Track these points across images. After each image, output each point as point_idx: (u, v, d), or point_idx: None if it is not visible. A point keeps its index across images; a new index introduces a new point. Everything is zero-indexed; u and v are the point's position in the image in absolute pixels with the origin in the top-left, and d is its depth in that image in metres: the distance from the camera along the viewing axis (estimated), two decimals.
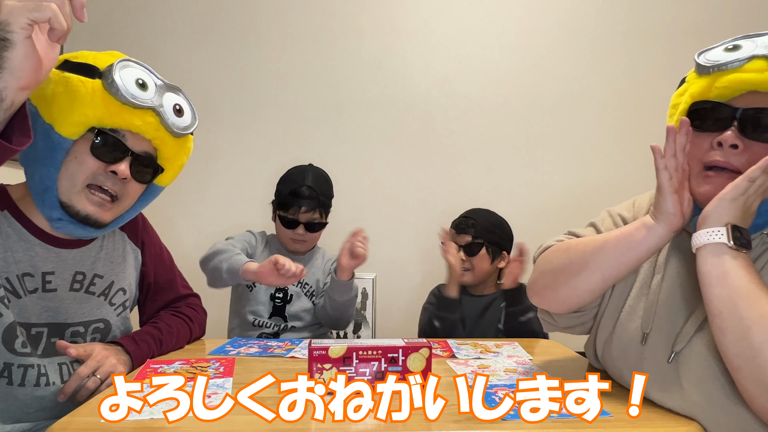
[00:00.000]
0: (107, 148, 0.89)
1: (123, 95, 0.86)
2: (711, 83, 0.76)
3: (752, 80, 0.72)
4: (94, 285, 0.99)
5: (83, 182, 0.89)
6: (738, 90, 0.74)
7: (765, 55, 0.71)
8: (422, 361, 0.82)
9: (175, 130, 0.94)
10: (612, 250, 0.78)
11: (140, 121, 0.89)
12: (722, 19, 2.12)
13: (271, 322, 1.46)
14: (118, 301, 1.03)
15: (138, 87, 0.88)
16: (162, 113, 0.91)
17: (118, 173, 0.90)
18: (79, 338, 0.96)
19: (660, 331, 0.78)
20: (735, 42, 0.76)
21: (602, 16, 2.13)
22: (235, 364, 0.97)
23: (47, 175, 0.87)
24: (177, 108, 0.96)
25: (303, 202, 1.44)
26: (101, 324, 1.00)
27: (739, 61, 0.73)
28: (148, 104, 0.89)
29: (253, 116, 2.11)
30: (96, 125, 0.87)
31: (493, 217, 1.58)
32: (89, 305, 0.98)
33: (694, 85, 0.79)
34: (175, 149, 0.98)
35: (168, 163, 0.99)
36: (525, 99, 2.12)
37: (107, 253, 1.03)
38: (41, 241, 0.93)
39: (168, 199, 2.07)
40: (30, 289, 0.90)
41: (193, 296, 1.23)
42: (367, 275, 1.95)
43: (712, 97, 0.76)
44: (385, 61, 2.12)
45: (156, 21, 2.11)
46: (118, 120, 0.88)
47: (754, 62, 0.72)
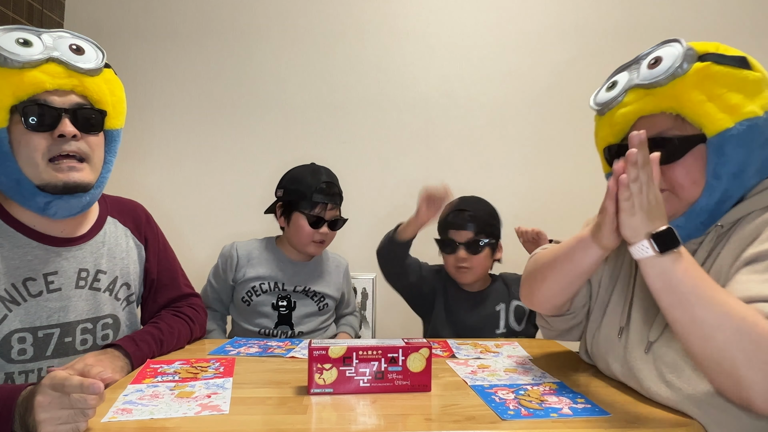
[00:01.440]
0: (39, 118, 0.86)
1: (12, 60, 0.82)
2: (608, 122, 0.85)
3: (635, 111, 0.80)
4: (98, 281, 0.98)
5: (43, 159, 0.87)
6: (629, 121, 0.81)
7: (637, 84, 0.79)
8: (422, 361, 0.82)
9: (85, 68, 0.89)
10: (560, 264, 0.86)
11: (47, 76, 0.86)
12: (722, 19, 2.12)
13: (278, 331, 1.43)
14: (123, 295, 1.04)
15: (21, 45, 0.84)
16: (62, 59, 0.87)
17: (65, 134, 0.87)
18: (89, 335, 0.96)
19: (637, 324, 0.81)
20: (613, 79, 0.86)
21: (602, 16, 2.13)
22: (235, 364, 0.97)
23: (9, 170, 0.86)
24: (74, 48, 0.90)
25: (329, 199, 1.42)
26: (110, 319, 1.00)
27: (619, 97, 0.82)
28: (41, 57, 0.85)
29: (253, 116, 2.11)
30: (14, 103, 0.85)
31: (487, 205, 1.48)
32: (96, 301, 0.98)
33: (600, 128, 0.89)
34: (102, 87, 0.94)
35: (104, 104, 0.95)
36: (525, 99, 2.12)
37: (110, 248, 1.02)
38: (38, 243, 0.92)
39: (168, 199, 2.08)
40: (34, 293, 0.90)
41: (194, 296, 1.23)
42: (367, 275, 1.95)
43: (616, 132, 0.85)
44: (385, 62, 2.12)
45: (156, 21, 2.11)
46: (27, 87, 0.84)
47: (630, 95, 0.81)
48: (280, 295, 1.43)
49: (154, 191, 2.04)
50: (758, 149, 0.74)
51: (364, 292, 1.93)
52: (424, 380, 0.82)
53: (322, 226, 1.42)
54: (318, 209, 1.41)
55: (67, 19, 2.06)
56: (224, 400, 0.76)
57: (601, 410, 0.73)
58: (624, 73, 0.84)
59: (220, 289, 1.45)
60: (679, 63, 0.75)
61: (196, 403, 0.75)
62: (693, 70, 0.74)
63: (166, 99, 2.06)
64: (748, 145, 0.73)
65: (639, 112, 0.80)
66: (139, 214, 1.13)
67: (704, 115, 0.74)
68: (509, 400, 0.77)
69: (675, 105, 0.76)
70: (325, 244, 1.47)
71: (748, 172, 0.75)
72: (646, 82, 0.78)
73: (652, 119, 0.79)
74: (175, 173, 2.06)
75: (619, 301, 0.88)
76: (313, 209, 1.41)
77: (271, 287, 1.43)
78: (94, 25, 2.06)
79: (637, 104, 0.79)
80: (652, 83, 0.77)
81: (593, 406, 0.75)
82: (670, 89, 0.75)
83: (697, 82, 0.74)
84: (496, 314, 1.44)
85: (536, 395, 0.80)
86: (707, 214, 0.76)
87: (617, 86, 0.83)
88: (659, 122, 0.78)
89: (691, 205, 0.77)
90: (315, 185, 1.41)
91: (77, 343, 0.95)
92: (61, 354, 0.92)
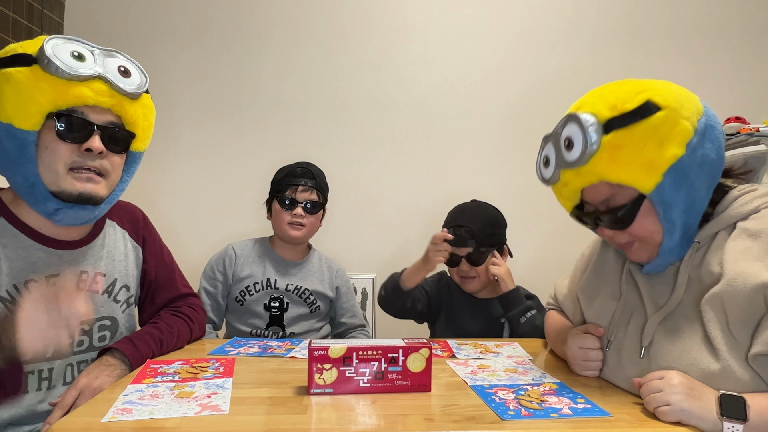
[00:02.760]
0: (72, 129, 0.88)
1: (64, 71, 0.84)
2: (559, 194, 0.92)
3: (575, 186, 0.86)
4: (97, 283, 1.00)
5: (64, 168, 0.89)
6: (576, 193, 0.89)
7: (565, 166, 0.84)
8: (422, 361, 0.82)
9: (128, 91, 0.92)
10: (553, 342, 1.10)
11: (91, 92, 0.88)
12: (722, 19, 2.12)
13: (269, 332, 1.44)
14: (122, 297, 1.05)
15: (75, 59, 0.86)
16: (109, 78, 0.89)
17: (93, 149, 0.89)
18: (85, 336, 0.97)
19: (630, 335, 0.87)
20: (544, 154, 0.92)
21: (602, 16, 2.13)
22: (235, 364, 0.97)
23: (28, 172, 0.87)
24: (122, 70, 0.93)
25: (300, 180, 1.46)
26: (108, 321, 1.01)
27: (556, 176, 0.87)
28: (91, 73, 0.87)
29: (253, 116, 2.11)
30: (52, 110, 0.86)
31: (485, 215, 1.45)
32: (94, 303, 0.99)
33: (557, 196, 0.94)
34: (137, 111, 0.97)
35: (135, 127, 0.98)
36: (525, 99, 2.11)
37: (109, 251, 1.03)
38: (42, 245, 0.93)
39: (166, 199, 2.08)
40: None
41: (193, 296, 1.23)
42: (367, 275, 1.95)
43: (572, 201, 0.91)
44: (385, 61, 2.12)
45: (156, 21, 2.11)
46: (69, 98, 0.86)
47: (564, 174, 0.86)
48: (273, 295, 1.44)
49: (152, 191, 2.04)
50: (697, 178, 0.78)
51: (364, 292, 1.92)
52: (424, 380, 0.82)
53: (296, 207, 1.45)
54: (289, 191, 1.45)
55: (67, 19, 2.06)
56: (224, 400, 0.76)
57: (601, 410, 0.73)
58: (551, 148, 0.89)
59: (217, 293, 1.45)
60: (589, 142, 0.77)
61: (196, 403, 0.75)
62: (604, 144, 0.77)
63: (166, 99, 2.05)
64: (685, 183, 0.77)
65: (580, 186, 0.87)
66: (137, 216, 1.14)
67: (633, 180, 0.78)
68: (509, 400, 0.77)
69: (603, 178, 0.81)
70: (305, 230, 1.47)
71: (697, 200, 0.80)
72: (570, 163, 0.82)
73: (593, 188, 0.85)
74: (174, 173, 2.06)
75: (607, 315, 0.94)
76: (285, 191, 1.45)
77: (264, 286, 1.44)
78: (93, 25, 2.06)
79: (574, 181, 0.85)
80: (575, 164, 0.81)
81: (593, 406, 0.75)
82: (592, 167, 0.79)
83: (612, 155, 0.77)
84: (500, 325, 1.43)
85: (536, 395, 0.80)
86: (678, 248, 0.82)
87: (550, 163, 0.89)
88: (601, 190, 0.83)
89: (660, 246, 0.83)
90: (288, 170, 1.49)
91: (74, 345, 0.95)
92: (59, 356, 0.93)
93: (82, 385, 0.85)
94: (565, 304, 1.12)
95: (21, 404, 0.89)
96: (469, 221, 1.42)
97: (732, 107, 1.85)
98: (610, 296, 0.93)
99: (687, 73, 2.07)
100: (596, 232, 0.92)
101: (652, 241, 0.83)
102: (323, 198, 1.51)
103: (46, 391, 0.92)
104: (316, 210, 1.48)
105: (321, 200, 1.49)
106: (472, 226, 1.40)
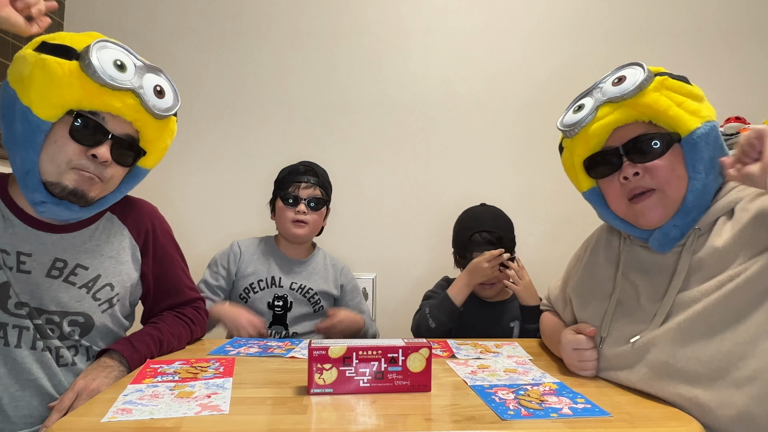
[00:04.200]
0: (87, 131, 0.88)
1: (100, 76, 0.84)
2: (583, 138, 0.90)
3: (610, 122, 0.86)
4: (75, 275, 0.94)
5: (66, 165, 0.88)
6: (606, 132, 0.87)
7: (605, 100, 0.86)
8: (422, 362, 0.82)
9: (156, 111, 0.92)
10: (549, 342, 1.10)
11: (120, 102, 0.88)
12: (722, 19, 2.12)
13: (272, 331, 1.44)
14: (104, 296, 0.98)
15: (116, 68, 0.86)
16: (142, 95, 0.89)
17: (99, 157, 0.89)
18: (54, 327, 0.92)
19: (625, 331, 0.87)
20: (579, 102, 0.93)
21: (602, 16, 2.13)
22: (235, 364, 0.97)
23: (28, 158, 0.86)
24: (158, 89, 0.93)
25: (303, 177, 1.47)
26: (80, 318, 0.95)
27: (590, 114, 0.88)
28: (126, 86, 0.87)
29: (253, 116, 2.11)
30: (74, 107, 0.86)
31: (505, 220, 1.46)
32: (68, 295, 0.93)
33: (574, 147, 0.93)
34: (158, 131, 0.96)
35: (150, 146, 0.97)
36: (525, 99, 2.11)
37: (97, 244, 0.99)
38: (22, 222, 0.92)
39: (168, 199, 2.08)
40: (8, 266, 0.89)
41: (199, 299, 1.21)
42: (367, 275, 1.95)
43: (593, 146, 0.89)
44: (385, 61, 2.12)
45: (156, 20, 2.11)
46: (96, 102, 0.86)
47: (601, 110, 0.87)
48: (277, 294, 1.44)
49: (152, 191, 2.04)
50: (717, 150, 0.83)
51: (364, 292, 1.93)
52: (424, 380, 0.82)
53: (299, 204, 1.44)
54: (292, 188, 1.45)
55: (67, 19, 2.06)
56: (224, 400, 0.76)
57: (601, 410, 0.73)
58: (587, 98, 0.92)
59: (218, 285, 1.45)
60: (643, 77, 0.83)
61: (196, 403, 0.75)
62: (656, 81, 0.83)
63: None
64: (713, 143, 0.82)
65: (614, 123, 0.86)
66: (143, 213, 1.09)
67: (675, 118, 0.82)
68: (509, 400, 0.77)
69: (647, 112, 0.84)
70: (308, 227, 1.47)
71: (716, 169, 0.83)
72: (616, 96, 0.85)
73: (626, 128, 0.86)
74: (174, 173, 2.06)
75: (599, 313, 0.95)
76: (288, 188, 1.46)
77: (268, 284, 1.44)
78: (93, 25, 2.05)
79: (612, 116, 0.86)
80: (623, 95, 0.84)
81: (593, 406, 0.75)
82: (640, 99, 0.83)
83: (661, 92, 0.83)
84: (509, 330, 1.43)
85: (536, 395, 0.80)
86: (695, 211, 0.83)
87: (585, 107, 0.90)
88: (634, 129, 0.85)
89: (680, 204, 0.83)
90: (290, 168, 1.50)
91: (44, 330, 0.91)
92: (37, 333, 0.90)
93: (79, 387, 0.85)
94: (557, 304, 1.13)
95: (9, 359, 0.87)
96: (492, 227, 1.42)
97: (732, 107, 1.85)
98: (602, 296, 0.94)
99: (687, 73, 2.03)
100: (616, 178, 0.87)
101: (672, 192, 0.83)
102: (326, 195, 1.51)
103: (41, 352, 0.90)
104: (320, 207, 1.48)
105: (324, 197, 1.49)
106: (497, 230, 1.41)
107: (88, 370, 0.90)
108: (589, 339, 0.91)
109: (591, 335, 0.92)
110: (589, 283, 0.99)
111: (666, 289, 0.82)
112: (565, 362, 0.95)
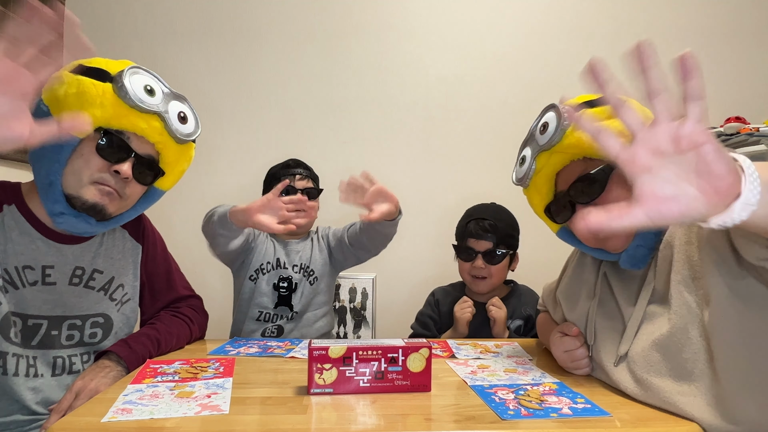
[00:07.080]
0: (112, 148, 0.93)
1: (131, 99, 0.90)
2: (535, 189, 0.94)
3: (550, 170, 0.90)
4: (93, 280, 1.01)
5: (88, 179, 0.93)
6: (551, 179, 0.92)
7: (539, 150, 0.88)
8: (422, 361, 0.82)
9: (178, 135, 0.99)
10: (545, 342, 1.09)
11: (145, 124, 0.94)
12: (721, 19, 2.12)
13: (277, 313, 1.45)
14: (119, 296, 1.05)
15: (146, 93, 0.93)
16: (167, 119, 0.96)
17: (121, 173, 0.94)
18: (77, 331, 0.98)
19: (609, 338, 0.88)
20: (521, 155, 0.96)
21: (602, 16, 2.13)
22: (235, 364, 0.97)
23: (53, 170, 0.91)
24: (182, 115, 1.00)
25: (296, 170, 1.52)
26: (101, 318, 1.02)
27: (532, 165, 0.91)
28: (154, 109, 0.94)
29: (253, 116, 2.11)
30: (103, 126, 0.91)
31: (507, 216, 1.46)
32: (88, 299, 1.00)
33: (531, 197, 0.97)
34: (177, 154, 1.02)
35: (169, 168, 1.03)
36: (525, 99, 2.11)
37: (107, 249, 1.05)
38: (42, 236, 0.95)
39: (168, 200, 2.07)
40: (30, 282, 0.93)
41: (194, 298, 1.24)
42: (367, 275, 1.95)
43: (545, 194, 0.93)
44: (385, 61, 2.12)
45: (156, 21, 2.11)
46: (124, 122, 0.92)
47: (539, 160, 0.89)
48: (281, 275, 1.48)
49: None
50: None
51: (364, 292, 1.93)
52: (424, 380, 0.82)
53: (295, 195, 1.45)
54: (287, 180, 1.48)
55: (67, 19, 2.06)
56: (224, 400, 0.76)
57: (601, 410, 0.73)
58: (527, 148, 0.94)
59: None
60: (562, 119, 0.84)
61: (196, 403, 0.75)
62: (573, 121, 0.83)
63: None
64: None
65: (554, 169, 0.90)
66: (138, 217, 1.14)
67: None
68: (509, 400, 0.77)
69: (577, 151, 0.85)
70: (308, 215, 1.50)
71: None
72: (545, 144, 0.87)
73: (567, 170, 0.89)
74: None
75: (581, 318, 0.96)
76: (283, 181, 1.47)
77: (274, 266, 1.49)
78: (93, 25, 2.06)
79: (549, 164, 0.89)
80: (551, 143, 0.86)
81: (593, 406, 0.75)
82: (566, 141, 0.84)
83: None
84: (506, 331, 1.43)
85: (536, 395, 0.80)
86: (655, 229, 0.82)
87: (526, 159, 0.93)
88: (574, 169, 0.87)
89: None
90: (281, 164, 1.55)
91: (63, 338, 0.97)
92: (46, 346, 0.95)
93: (78, 388, 0.86)
94: (548, 306, 1.15)
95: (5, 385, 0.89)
96: (493, 217, 1.42)
97: (732, 107, 1.85)
98: (587, 299, 0.95)
99: None
100: (571, 226, 0.90)
101: None
102: (318, 186, 1.57)
103: (33, 378, 0.92)
104: (315, 196, 1.54)
105: (317, 188, 1.55)
106: (495, 221, 1.41)
107: (86, 371, 0.92)
108: (575, 339, 0.93)
109: (575, 335, 0.93)
110: (577, 286, 1.01)
111: (637, 295, 0.84)
112: (559, 364, 0.96)
